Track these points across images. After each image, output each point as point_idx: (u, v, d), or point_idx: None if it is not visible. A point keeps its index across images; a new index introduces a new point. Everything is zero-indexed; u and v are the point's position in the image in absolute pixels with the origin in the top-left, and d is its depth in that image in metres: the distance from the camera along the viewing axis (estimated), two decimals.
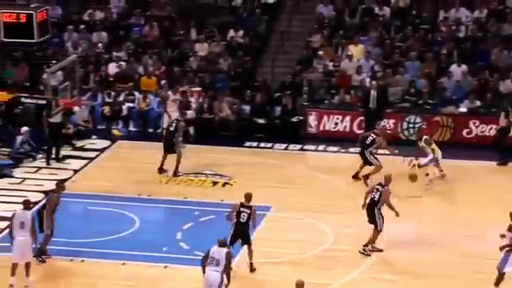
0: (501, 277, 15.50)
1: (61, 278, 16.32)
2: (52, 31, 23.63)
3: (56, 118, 21.69)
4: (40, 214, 16.75)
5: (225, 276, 14.47)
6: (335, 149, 23.39)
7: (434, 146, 20.86)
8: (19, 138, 22.22)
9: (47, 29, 22.56)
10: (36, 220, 16.41)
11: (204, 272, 14.45)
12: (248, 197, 16.56)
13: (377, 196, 17.21)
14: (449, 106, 24.43)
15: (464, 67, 25.16)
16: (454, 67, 25.26)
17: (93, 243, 17.39)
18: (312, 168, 22.20)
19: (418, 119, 24.24)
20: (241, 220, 16.27)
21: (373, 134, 20.95)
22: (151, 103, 25.01)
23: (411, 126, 24.32)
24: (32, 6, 22.48)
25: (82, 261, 16.83)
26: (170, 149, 20.89)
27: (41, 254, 16.53)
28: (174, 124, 21.17)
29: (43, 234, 16.60)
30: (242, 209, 16.34)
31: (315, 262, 17.07)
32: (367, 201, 17.35)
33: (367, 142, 20.80)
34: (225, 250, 14.58)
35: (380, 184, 17.45)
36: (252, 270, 16.54)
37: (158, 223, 18.85)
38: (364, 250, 17.11)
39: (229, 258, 14.48)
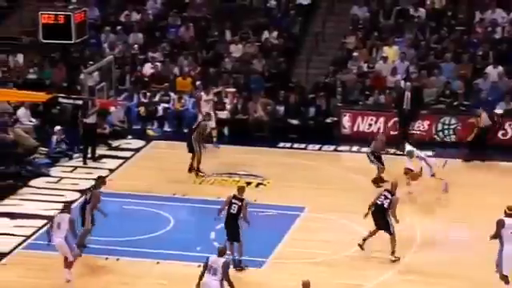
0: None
1: (96, 276, 16.50)
2: (89, 32, 23.87)
3: (91, 119, 21.95)
4: (83, 209, 16.97)
5: (225, 284, 14.41)
6: (369, 150, 23.29)
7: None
8: (54, 138, 22.53)
9: (85, 30, 22.79)
10: (79, 216, 16.78)
11: (200, 279, 14.42)
12: (241, 189, 16.84)
13: (386, 203, 16.98)
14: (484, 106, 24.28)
15: (500, 68, 25.00)
16: (489, 68, 25.11)
17: (128, 242, 17.57)
18: (346, 169, 22.20)
19: (453, 120, 24.14)
20: (231, 211, 16.50)
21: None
22: (186, 104, 25.19)
23: (446, 127, 24.23)
24: (70, 7, 22.75)
25: (118, 259, 17.02)
26: (189, 148, 21.01)
27: (78, 246, 16.76)
28: (195, 124, 21.43)
29: (83, 229, 16.84)
30: (233, 200, 16.61)
31: (348, 262, 17.09)
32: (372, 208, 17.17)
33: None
34: (222, 259, 14.55)
35: (388, 191, 17.22)
36: (239, 269, 16.46)
37: (192, 223, 18.98)
38: (394, 257, 17.01)
39: (225, 267, 14.43)
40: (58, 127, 22.77)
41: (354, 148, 23.51)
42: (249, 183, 20.87)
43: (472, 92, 24.90)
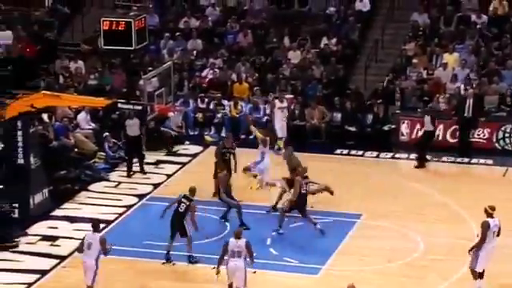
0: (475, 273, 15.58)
1: (152, 280, 16.68)
2: (149, 39, 24.18)
3: (133, 131, 22.02)
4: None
5: (249, 262, 15.31)
6: (427, 157, 23.14)
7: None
8: (106, 144, 22.86)
9: (145, 36, 23.08)
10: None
11: (220, 263, 15.26)
12: (192, 190, 17.28)
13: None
14: None
15: None
16: None
17: (184, 247, 17.70)
18: (403, 176, 22.07)
19: None
20: (179, 209, 16.93)
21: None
22: (242, 110, 25.29)
23: (507, 135, 23.89)
24: (131, 14, 23.06)
25: (174, 264, 17.17)
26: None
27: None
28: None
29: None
30: (183, 199, 17.08)
31: (404, 271, 16.98)
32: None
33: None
34: (243, 240, 15.26)
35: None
36: (192, 262, 16.99)
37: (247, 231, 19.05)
38: None
39: (248, 247, 15.25)
40: (106, 133, 23.11)
41: (412, 156, 23.29)
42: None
43: None
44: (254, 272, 16.66)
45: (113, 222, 19.28)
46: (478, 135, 23.90)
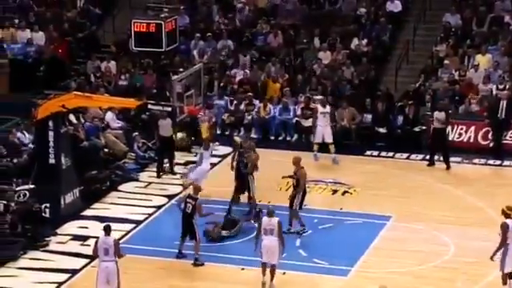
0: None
1: (182, 281, 16.72)
2: (179, 39, 24.24)
3: (166, 132, 22.08)
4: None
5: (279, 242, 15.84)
6: (459, 159, 22.97)
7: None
8: (135, 145, 22.95)
9: (175, 38, 23.16)
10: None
11: (257, 243, 15.88)
12: (196, 189, 17.21)
13: None
14: None
15: None
16: None
17: (214, 248, 17.80)
18: (434, 178, 21.89)
19: None
20: (186, 210, 16.88)
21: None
22: (271, 111, 25.20)
23: None
24: (161, 16, 23.14)
25: (202, 264, 17.19)
26: None
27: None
28: None
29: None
30: (188, 199, 16.99)
31: (435, 273, 16.87)
32: None
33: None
34: (275, 219, 15.86)
35: None
36: (196, 264, 16.90)
37: None
38: None
39: (280, 225, 15.89)
40: (135, 133, 23.19)
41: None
42: (335, 191, 20.85)
43: None
44: (284, 273, 16.67)
45: (142, 223, 19.35)
46: (511, 137, 23.66)
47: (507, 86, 24.57)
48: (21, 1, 29.88)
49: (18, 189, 19.10)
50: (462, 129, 23.99)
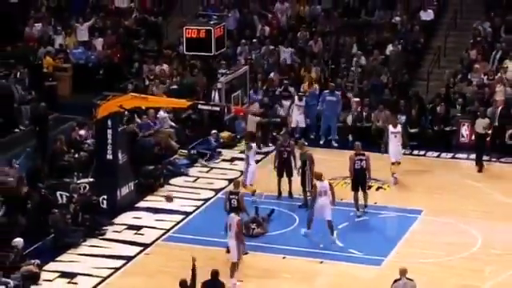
0: None
1: (224, 269, 16.83)
2: (227, 44, 24.40)
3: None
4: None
5: (331, 201, 17.37)
6: (486, 158, 22.75)
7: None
8: (212, 139, 23.28)
9: (223, 43, 23.34)
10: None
11: (312, 207, 17.37)
12: (236, 184, 17.56)
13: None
14: None
15: None
16: None
17: (258, 238, 17.87)
18: (464, 175, 21.74)
19: None
20: (232, 205, 17.08)
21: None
22: (316, 90, 24.83)
23: None
24: (211, 22, 23.32)
25: (246, 253, 17.25)
26: None
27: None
28: None
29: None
30: (231, 196, 17.22)
31: (462, 264, 16.81)
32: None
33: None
34: (326, 181, 17.47)
35: None
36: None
37: (316, 221, 18.97)
38: None
39: (332, 188, 17.53)
40: (214, 130, 23.51)
41: (472, 156, 22.90)
42: (370, 186, 20.77)
43: None
44: (321, 262, 16.74)
45: (191, 214, 19.52)
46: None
47: None
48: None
49: (78, 182, 19.45)
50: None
